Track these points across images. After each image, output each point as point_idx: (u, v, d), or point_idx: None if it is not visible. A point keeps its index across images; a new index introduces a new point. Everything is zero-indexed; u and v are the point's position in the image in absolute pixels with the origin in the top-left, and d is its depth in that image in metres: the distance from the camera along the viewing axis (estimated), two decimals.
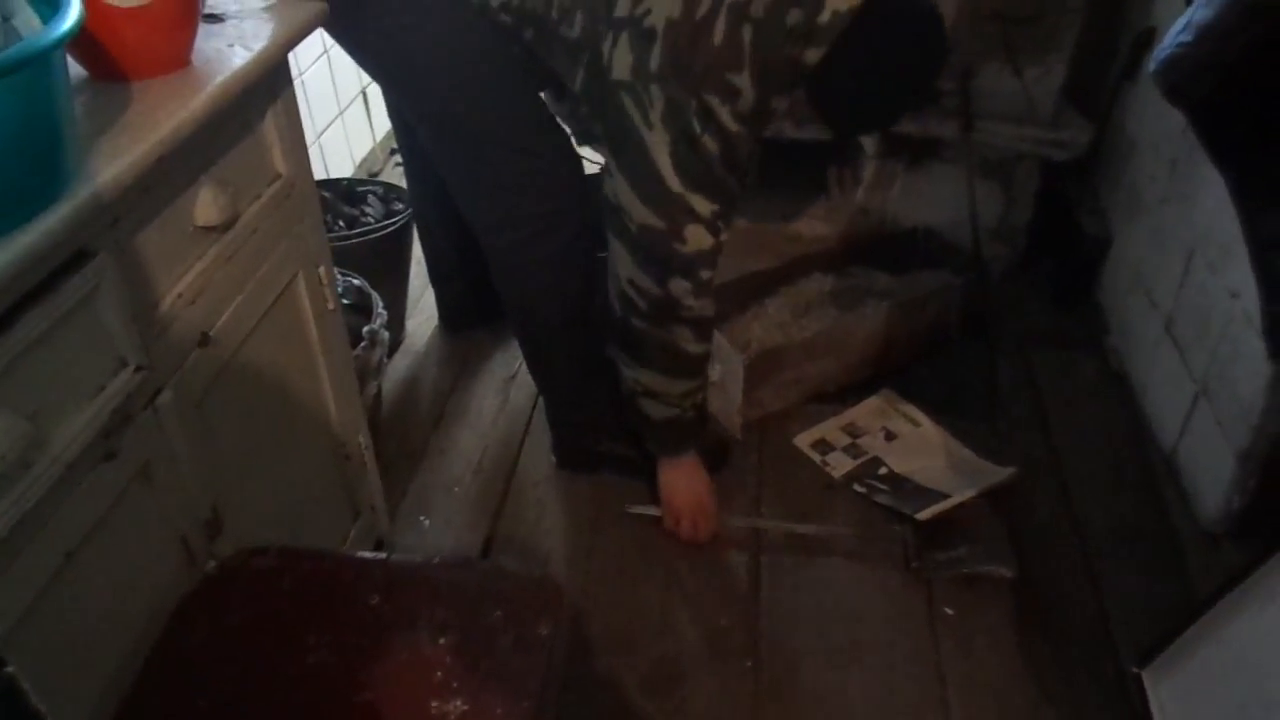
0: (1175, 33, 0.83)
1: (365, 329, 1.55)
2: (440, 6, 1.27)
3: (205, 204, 0.94)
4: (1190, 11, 0.82)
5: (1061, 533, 1.52)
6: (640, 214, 1.24)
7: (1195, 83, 0.83)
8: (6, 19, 0.73)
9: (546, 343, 1.55)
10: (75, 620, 0.78)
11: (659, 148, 1.20)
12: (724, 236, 1.31)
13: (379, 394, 1.69)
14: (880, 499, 1.55)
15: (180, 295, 0.91)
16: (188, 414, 0.93)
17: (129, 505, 0.85)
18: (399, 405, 1.82)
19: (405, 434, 1.75)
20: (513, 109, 1.34)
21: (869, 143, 1.89)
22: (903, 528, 1.50)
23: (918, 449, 1.66)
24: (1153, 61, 0.85)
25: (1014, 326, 1.94)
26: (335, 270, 1.66)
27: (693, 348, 1.36)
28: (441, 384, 1.87)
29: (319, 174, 2.08)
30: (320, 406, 1.24)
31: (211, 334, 0.97)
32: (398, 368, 1.90)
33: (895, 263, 1.98)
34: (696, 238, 1.25)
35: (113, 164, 0.76)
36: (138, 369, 0.83)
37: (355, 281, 1.66)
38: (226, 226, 0.98)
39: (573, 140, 1.44)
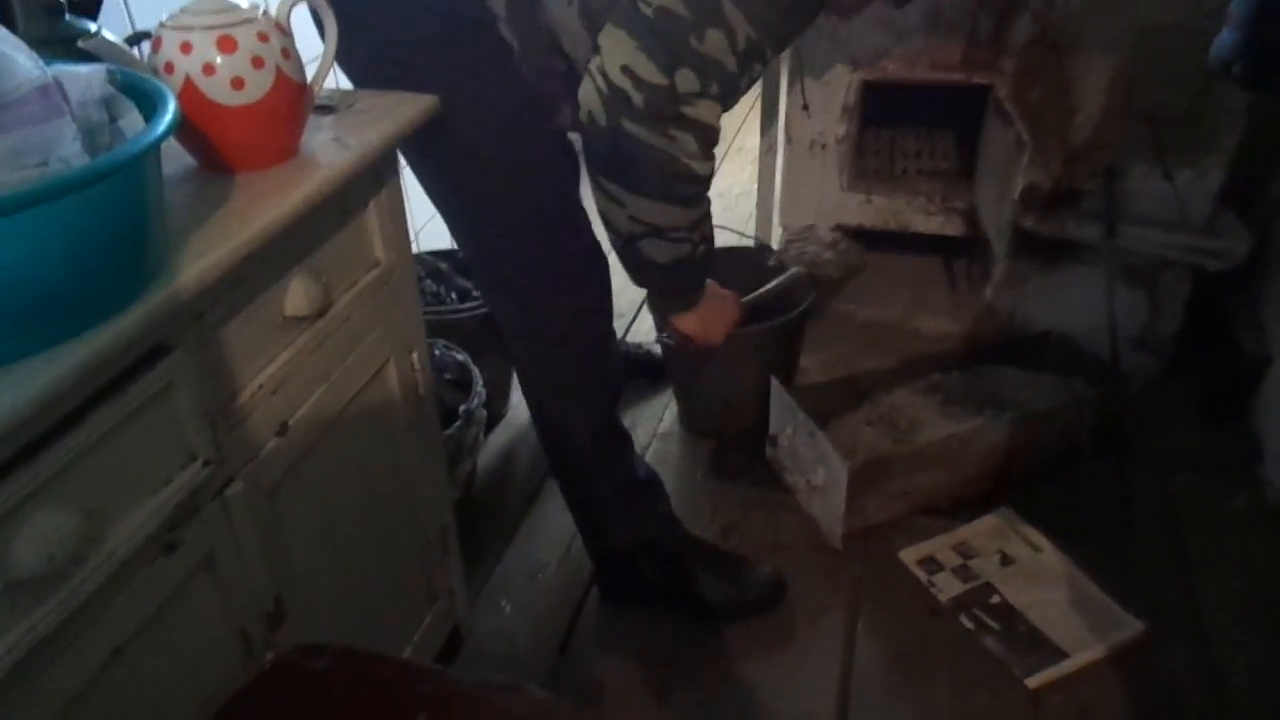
0: None
1: (462, 408, 1.54)
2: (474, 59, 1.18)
3: (296, 294, 0.94)
4: None
5: (1197, 690, 1.36)
6: None
7: None
8: (114, 120, 0.74)
9: (577, 460, 1.46)
10: (118, 716, 0.77)
11: None
12: (748, 75, 1.14)
13: (473, 471, 1.68)
14: (989, 643, 1.42)
15: (261, 386, 0.91)
16: (258, 504, 0.92)
17: (187, 598, 0.84)
18: (494, 481, 1.81)
19: (497, 512, 1.73)
20: (550, 192, 1.28)
21: (1000, 241, 1.79)
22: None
23: (1037, 579, 1.52)
24: None
25: (1154, 445, 1.77)
26: (440, 343, 1.69)
27: (698, 165, 1.15)
28: (539, 461, 1.84)
29: (441, 244, 2.12)
30: (403, 491, 1.23)
31: (291, 423, 0.96)
32: (497, 441, 1.90)
33: (1023, 366, 1.86)
34: (716, 45, 1.07)
35: (199, 261, 0.77)
36: (206, 463, 0.82)
37: (458, 356, 1.67)
38: (318, 315, 0.98)
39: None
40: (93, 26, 0.91)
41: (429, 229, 2.16)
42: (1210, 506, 1.65)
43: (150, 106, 0.73)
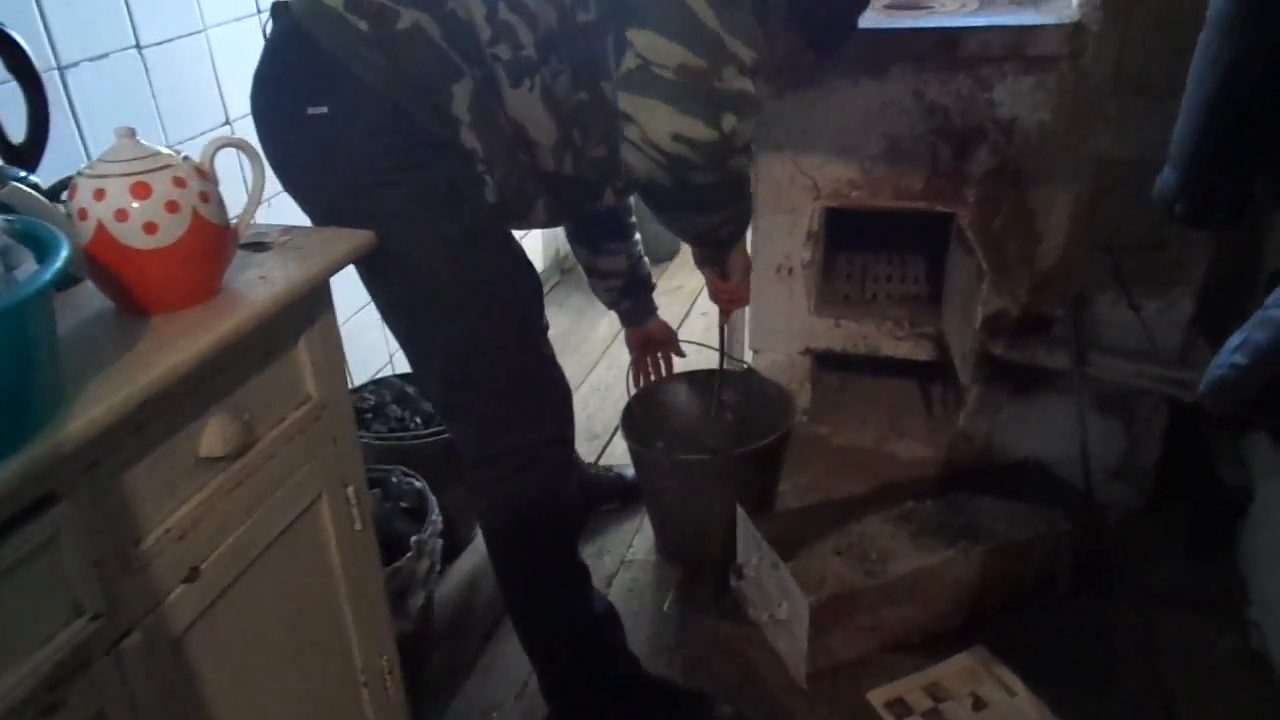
0: (1229, 349, 0.70)
1: (414, 538, 1.50)
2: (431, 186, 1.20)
3: (212, 435, 0.92)
4: (1246, 328, 0.70)
5: None
6: (676, 54, 1.10)
7: (1249, 412, 0.70)
8: (10, 269, 0.74)
9: (531, 595, 1.41)
10: None
11: None
12: (760, 101, 1.22)
13: (429, 603, 1.63)
14: None
15: (168, 530, 0.88)
16: (160, 656, 0.88)
17: None
18: (454, 612, 1.75)
19: (454, 646, 1.68)
20: (511, 319, 1.29)
21: (964, 368, 1.77)
22: None
23: None
24: (1203, 379, 0.73)
25: (1136, 582, 1.71)
26: (398, 471, 1.66)
27: (747, 168, 1.32)
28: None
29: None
30: (337, 632, 1.18)
31: (203, 567, 0.93)
32: (460, 569, 1.85)
33: (1000, 495, 1.81)
34: (734, 78, 1.13)
35: (90, 410, 0.75)
36: (95, 617, 0.79)
37: (416, 484, 1.64)
38: (238, 455, 0.96)
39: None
40: (23, 174, 0.93)
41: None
42: (1196, 649, 1.57)
43: (47, 255, 0.73)
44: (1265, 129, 0.98)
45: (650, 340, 1.86)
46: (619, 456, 2.14)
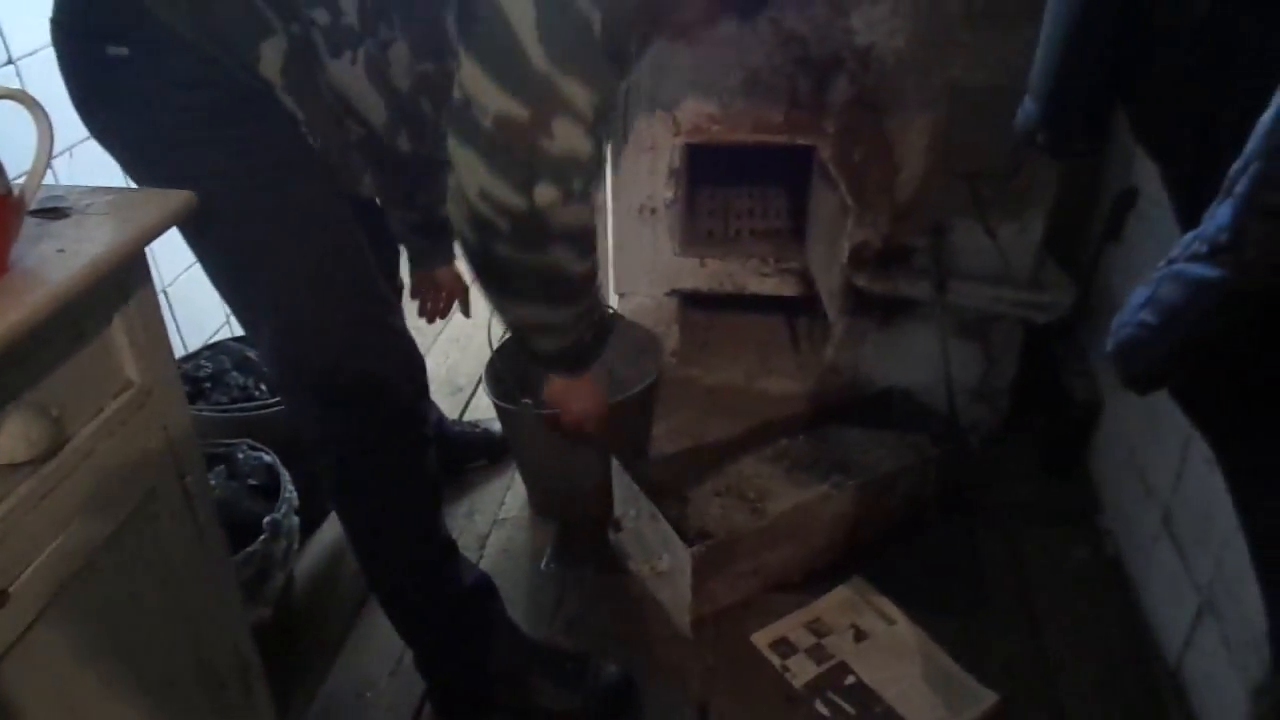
0: (1134, 307, 0.68)
1: (266, 519, 1.39)
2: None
3: (12, 438, 0.79)
4: (1153, 283, 0.68)
5: None
6: (496, 100, 0.96)
7: (1162, 374, 0.69)
8: None
9: (395, 579, 1.32)
10: None
11: (520, 11, 0.93)
12: (605, 145, 1.09)
13: (289, 583, 1.52)
14: None
15: None
16: None
17: None
18: (318, 588, 1.65)
19: (321, 624, 1.58)
20: (351, 287, 1.16)
21: (832, 303, 1.76)
22: None
23: (891, 653, 1.47)
24: (1110, 339, 0.71)
25: (999, 501, 1.77)
26: (244, 445, 1.53)
27: (576, 267, 1.09)
28: None
29: None
30: (184, 637, 1.07)
31: (13, 590, 0.81)
32: (321, 541, 1.73)
33: (868, 425, 1.84)
34: (567, 135, 0.98)
35: None
36: None
37: (265, 458, 1.51)
38: (47, 457, 0.84)
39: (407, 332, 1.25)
40: None
41: None
42: (1055, 562, 1.64)
43: None
44: (1125, 59, 0.97)
45: (437, 289, 1.67)
46: (484, 409, 2.06)
